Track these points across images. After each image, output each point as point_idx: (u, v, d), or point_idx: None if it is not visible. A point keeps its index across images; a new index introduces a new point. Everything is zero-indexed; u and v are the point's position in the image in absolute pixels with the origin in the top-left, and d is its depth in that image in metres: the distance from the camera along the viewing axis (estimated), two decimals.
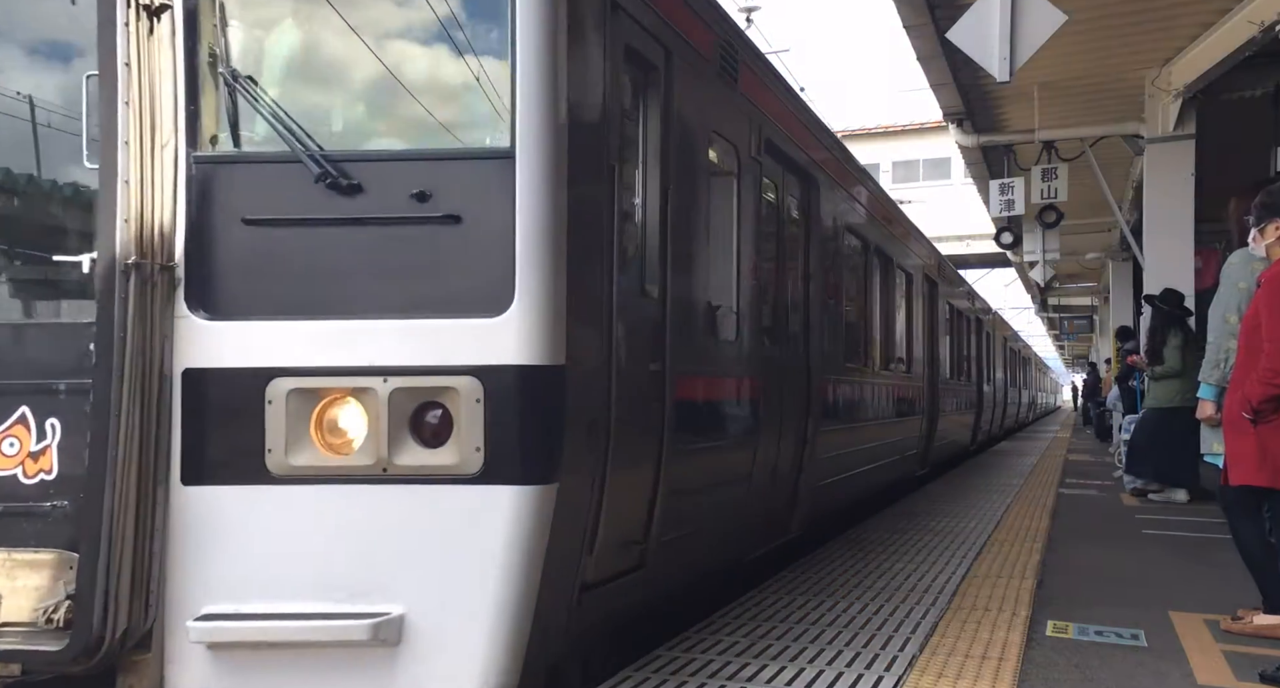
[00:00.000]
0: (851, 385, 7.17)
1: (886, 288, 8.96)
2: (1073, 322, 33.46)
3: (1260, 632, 3.99)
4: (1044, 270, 15.83)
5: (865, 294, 8.04)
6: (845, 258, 7.33)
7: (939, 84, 10.83)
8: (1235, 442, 4.01)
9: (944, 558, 5.72)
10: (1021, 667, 3.54)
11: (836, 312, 6.74)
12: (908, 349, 9.87)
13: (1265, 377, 3.76)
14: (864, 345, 7.87)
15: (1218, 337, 4.61)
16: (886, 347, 8.84)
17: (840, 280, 6.89)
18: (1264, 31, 8.34)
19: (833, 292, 6.61)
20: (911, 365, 9.88)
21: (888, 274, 8.98)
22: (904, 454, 9.60)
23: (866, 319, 8.06)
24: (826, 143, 6.70)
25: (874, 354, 8.26)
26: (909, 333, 9.99)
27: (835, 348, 6.56)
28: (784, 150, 5.53)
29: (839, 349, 6.69)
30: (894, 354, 9.13)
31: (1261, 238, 4.04)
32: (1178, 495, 8.66)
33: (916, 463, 10.56)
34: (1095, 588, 4.94)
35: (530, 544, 2.85)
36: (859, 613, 4.34)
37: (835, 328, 6.65)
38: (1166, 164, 10.31)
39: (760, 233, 5.12)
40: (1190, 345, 8.31)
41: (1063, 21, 7.30)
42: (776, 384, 5.19)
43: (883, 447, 8.40)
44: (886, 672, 3.47)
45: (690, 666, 3.52)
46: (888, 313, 8.94)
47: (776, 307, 5.48)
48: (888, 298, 8.96)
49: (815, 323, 6.02)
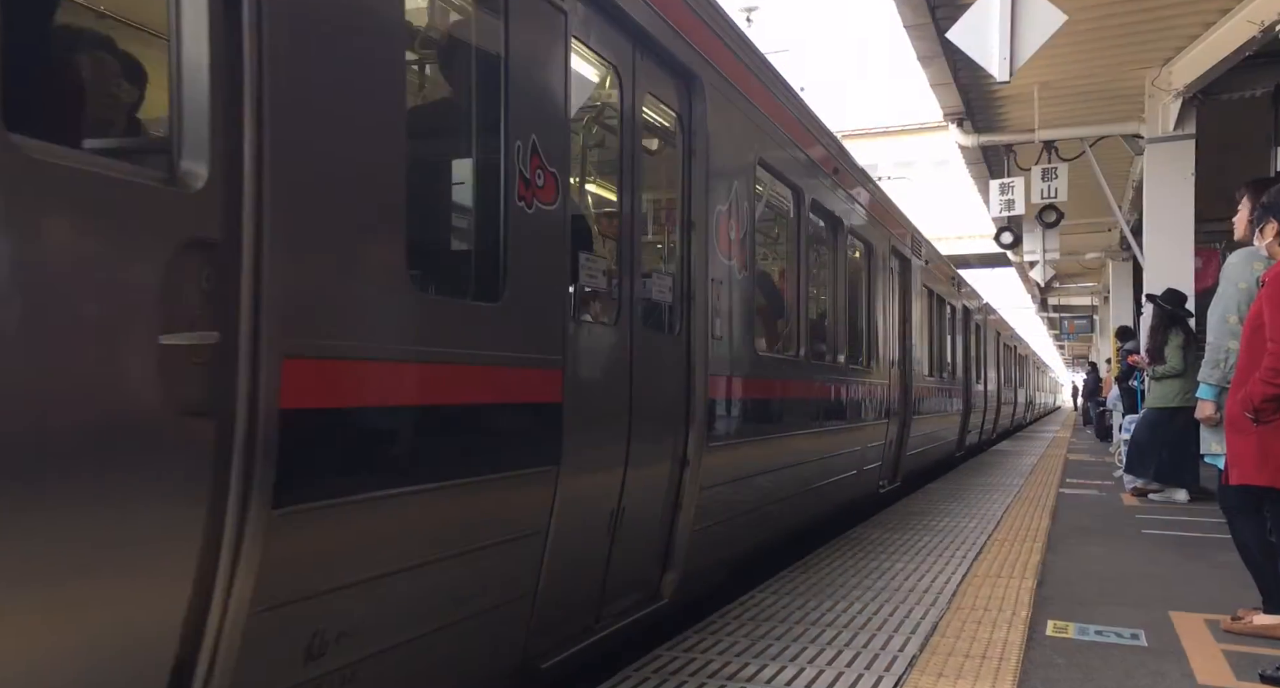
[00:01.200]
0: (770, 383, 5.40)
1: (836, 257, 7.13)
2: (1073, 322, 33.47)
3: (1260, 632, 3.99)
4: (1044, 270, 15.84)
5: (800, 261, 6.15)
6: (760, 206, 5.56)
7: (939, 84, 10.84)
8: (1236, 442, 4.00)
9: (944, 558, 5.71)
10: (1021, 667, 3.54)
11: (745, 281, 4.89)
12: (870, 339, 8.20)
13: (1267, 376, 3.75)
14: (797, 331, 6.04)
15: (1218, 337, 4.61)
16: (834, 334, 7.08)
17: (751, 236, 5.00)
18: (1264, 31, 8.36)
19: (736, 250, 4.76)
20: (875, 359, 8.21)
21: (836, 239, 7.12)
22: (863, 468, 7.86)
23: (800, 296, 6.10)
24: (713, 22, 4.62)
25: (813, 343, 6.46)
26: (873, 319, 8.28)
27: (741, 332, 4.84)
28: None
29: (748, 334, 4.94)
30: (847, 344, 7.26)
31: (1262, 237, 4.04)
32: (1178, 496, 8.66)
33: (885, 475, 8.84)
34: (1095, 588, 4.94)
35: None
36: (859, 613, 4.34)
37: (743, 304, 4.86)
38: (1166, 164, 10.32)
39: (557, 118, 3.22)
40: (1191, 345, 8.32)
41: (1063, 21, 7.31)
42: (612, 382, 3.61)
43: (827, 461, 6.66)
44: (886, 672, 3.47)
45: (690, 666, 3.52)
46: (838, 291, 7.15)
47: (618, 260, 3.77)
48: (838, 271, 7.14)
49: (702, 295, 4.28)
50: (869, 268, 8.29)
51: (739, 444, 4.88)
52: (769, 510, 5.56)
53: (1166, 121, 10.14)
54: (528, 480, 3.04)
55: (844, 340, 7.19)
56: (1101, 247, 19.54)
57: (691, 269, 4.30)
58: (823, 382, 6.54)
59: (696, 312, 4.30)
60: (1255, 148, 10.33)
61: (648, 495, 3.96)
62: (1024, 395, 29.66)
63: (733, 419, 4.82)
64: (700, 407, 4.27)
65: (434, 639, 2.68)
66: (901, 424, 9.23)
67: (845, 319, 7.31)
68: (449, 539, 2.68)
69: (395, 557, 2.46)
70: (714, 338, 4.46)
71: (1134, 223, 13.69)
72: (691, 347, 4.28)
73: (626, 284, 3.77)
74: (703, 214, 4.36)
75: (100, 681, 1.75)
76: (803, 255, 6.23)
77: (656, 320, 4.16)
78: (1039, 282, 19.74)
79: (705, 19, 4.50)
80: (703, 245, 4.34)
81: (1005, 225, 13.52)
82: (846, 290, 7.36)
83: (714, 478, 4.47)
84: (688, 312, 4.28)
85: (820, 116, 6.89)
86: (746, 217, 4.96)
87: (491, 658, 3.06)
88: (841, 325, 7.20)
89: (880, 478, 8.63)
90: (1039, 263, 15.01)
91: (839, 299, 7.19)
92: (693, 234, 4.32)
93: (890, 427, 8.68)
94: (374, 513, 2.36)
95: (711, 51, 4.53)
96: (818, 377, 6.41)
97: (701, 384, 4.30)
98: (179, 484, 1.85)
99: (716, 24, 4.68)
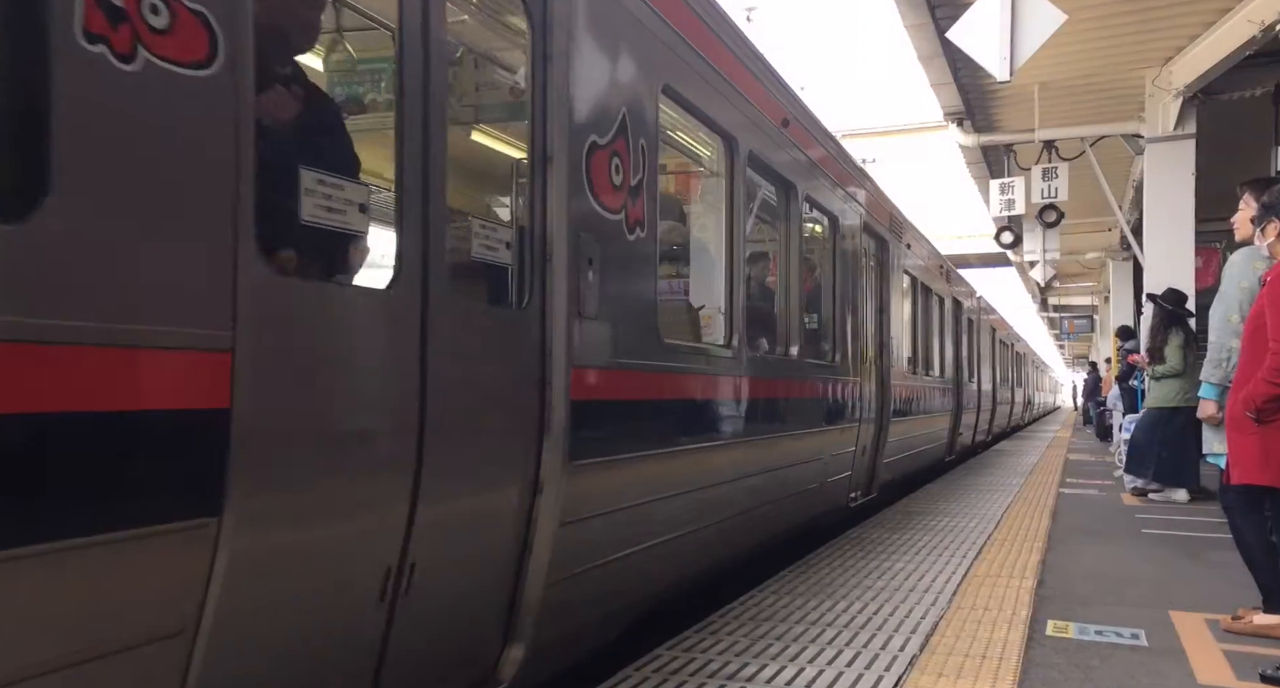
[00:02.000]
0: (680, 380, 4.24)
1: (789, 229, 5.92)
2: (1073, 322, 33.50)
3: (1260, 631, 3.99)
4: (1044, 270, 15.83)
5: (734, 229, 4.93)
6: (670, 151, 4.80)
7: (939, 84, 10.85)
8: (1237, 441, 4.00)
9: (944, 558, 5.71)
10: (1021, 667, 3.54)
11: (641, 245, 3.79)
12: (836, 330, 7.01)
13: (1269, 376, 3.75)
14: (731, 316, 4.86)
15: (1219, 336, 4.60)
16: (786, 322, 5.87)
17: (651, 187, 3.85)
18: (1264, 31, 8.36)
19: (627, 203, 3.64)
20: (842, 353, 7.02)
21: (789, 208, 5.90)
22: (827, 479, 6.76)
23: (735, 273, 4.92)
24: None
25: (754, 332, 5.34)
26: (839, 306, 7.09)
27: (634, 313, 3.73)
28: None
29: (646, 316, 3.82)
30: (802, 335, 6.05)
31: (1263, 237, 4.04)
32: (1178, 495, 8.66)
33: (857, 486, 7.76)
34: (1095, 588, 4.94)
35: None
36: (859, 613, 4.34)
37: (637, 275, 3.77)
38: (1166, 164, 10.33)
39: None
40: (1190, 345, 8.32)
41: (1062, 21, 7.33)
42: (372, 377, 2.49)
43: (775, 475, 5.55)
44: (886, 672, 3.46)
45: (690, 665, 3.52)
46: (790, 270, 5.93)
47: (399, 192, 2.58)
48: (791, 246, 5.94)
49: (566, 256, 3.18)
50: (835, 246, 7.03)
51: (626, 461, 3.68)
52: (679, 546, 4.28)
53: (1166, 121, 10.14)
54: (146, 546, 1.81)
55: (798, 330, 5.95)
56: (1101, 247, 19.56)
57: (548, 220, 3.12)
58: (767, 379, 5.37)
59: (556, 279, 3.13)
60: (1255, 148, 10.34)
61: (466, 542, 2.83)
62: (1022, 395, 28.72)
63: (616, 427, 3.62)
64: (560, 411, 3.13)
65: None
66: (878, 428, 8.15)
67: (800, 305, 6.03)
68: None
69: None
70: (584, 317, 3.29)
71: (1134, 223, 13.69)
72: (548, 328, 3.11)
73: (415, 229, 2.55)
74: (565, 146, 3.20)
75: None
76: (738, 222, 4.94)
77: (480, 287, 3.12)
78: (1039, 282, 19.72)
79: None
80: (567, 189, 3.20)
81: (1005, 225, 13.53)
82: (803, 271, 6.14)
83: (584, 508, 3.35)
84: (542, 278, 3.10)
85: (777, 69, 5.65)
86: (643, 160, 3.78)
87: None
88: (795, 312, 5.93)
89: (851, 490, 7.57)
90: (1039, 263, 15.01)
91: (792, 281, 5.92)
92: (549, 172, 3.14)
93: (863, 431, 7.58)
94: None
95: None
96: (760, 373, 5.21)
97: (562, 379, 3.14)
98: None
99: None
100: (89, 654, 1.74)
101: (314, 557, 2.27)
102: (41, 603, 1.65)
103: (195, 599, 1.94)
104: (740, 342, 4.91)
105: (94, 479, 1.73)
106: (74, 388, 1.67)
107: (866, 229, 8.00)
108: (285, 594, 2.20)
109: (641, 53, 3.85)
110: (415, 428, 2.57)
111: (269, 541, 2.11)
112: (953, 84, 10.81)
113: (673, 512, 4.18)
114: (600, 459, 3.47)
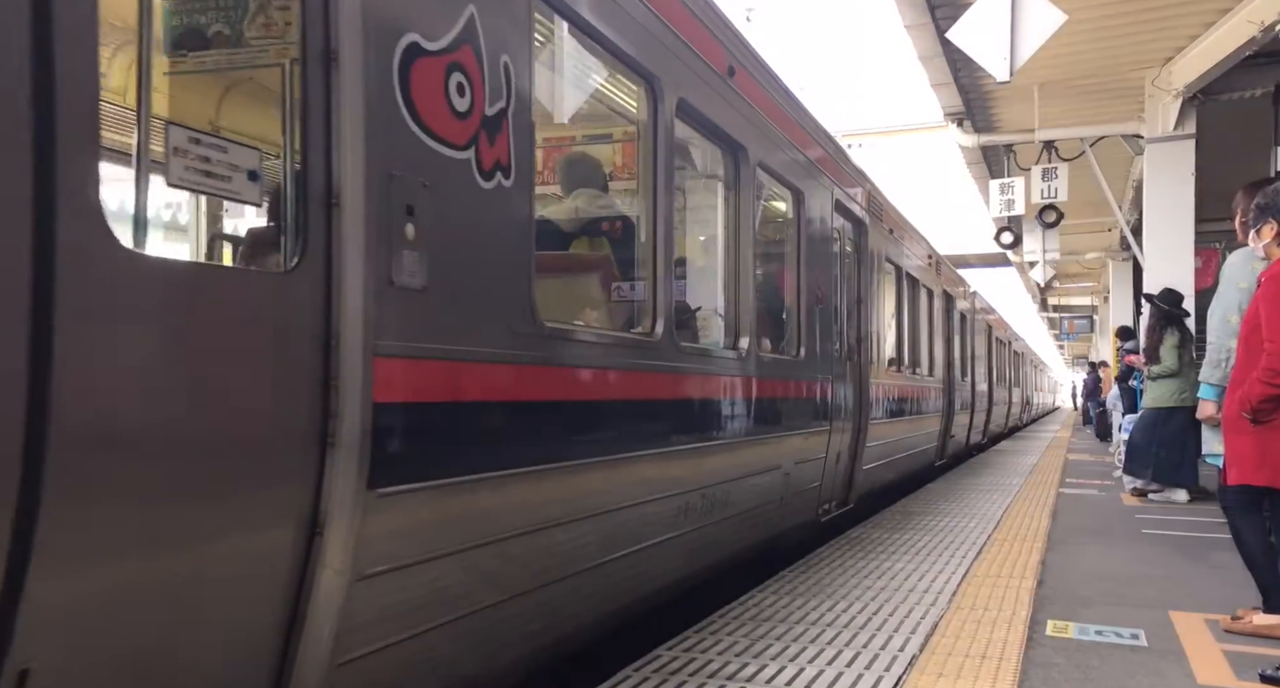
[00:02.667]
0: (563, 375, 3.30)
1: (737, 198, 5.05)
2: (1073, 322, 33.54)
3: (1260, 631, 3.99)
4: (1044, 270, 15.86)
5: (658, 189, 4.06)
6: (550, 78, 4.16)
7: (939, 84, 10.86)
8: (1234, 441, 4.01)
9: (944, 558, 5.71)
10: (1021, 667, 3.54)
11: (500, 196, 2.94)
12: (800, 320, 6.00)
13: (1265, 376, 3.76)
14: (654, 298, 4.05)
15: (1219, 336, 4.61)
16: (734, 309, 5.06)
17: (519, 120, 3.02)
18: (1264, 31, 8.37)
19: (480, 140, 2.82)
20: (808, 348, 6.09)
21: (738, 173, 5.02)
22: (790, 493, 5.84)
23: (659, 244, 4.05)
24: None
25: (685, 319, 4.66)
26: (803, 293, 6.06)
27: (487, 283, 2.87)
28: None
29: (512, 289, 2.97)
30: (754, 325, 5.17)
31: (1259, 238, 4.04)
32: (1178, 496, 8.66)
33: (831, 497, 6.87)
34: (1095, 588, 4.94)
35: None
36: (859, 613, 4.34)
37: (493, 234, 2.93)
38: (1166, 164, 10.34)
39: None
40: (1187, 345, 8.32)
41: (1063, 21, 7.33)
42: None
43: (716, 491, 4.64)
44: (886, 672, 3.47)
45: (690, 665, 3.52)
46: (740, 247, 5.08)
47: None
48: (740, 218, 5.05)
49: (364, 200, 2.34)
50: (798, 224, 6.03)
51: (468, 486, 2.74)
52: (562, 594, 3.34)
53: (1166, 121, 10.15)
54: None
55: (749, 319, 5.08)
56: (1101, 247, 19.58)
57: (336, 146, 2.28)
58: (702, 376, 4.50)
59: (347, 232, 2.29)
60: (1255, 148, 10.35)
61: (157, 622, 1.89)
62: (1020, 395, 28.04)
63: (454, 440, 2.68)
64: (353, 418, 2.27)
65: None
66: (856, 430, 7.30)
67: (752, 290, 5.16)
68: None
69: None
70: (399, 287, 2.45)
71: (1134, 223, 13.71)
72: (336, 301, 2.26)
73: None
74: (361, 43, 2.34)
75: None
76: (662, 184, 4.06)
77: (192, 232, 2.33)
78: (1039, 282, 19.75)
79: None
80: (364, 105, 2.35)
81: (1005, 225, 13.54)
82: (756, 249, 5.25)
83: (396, 553, 2.47)
84: (326, 231, 2.26)
85: (722, 9, 4.85)
86: (508, 83, 2.97)
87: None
88: (746, 299, 5.07)
89: (822, 502, 6.70)
90: (1039, 263, 15.04)
91: (743, 261, 5.06)
92: (336, 76, 2.27)
93: (835, 435, 6.69)
94: None
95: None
96: (693, 368, 4.38)
97: (357, 373, 2.29)
98: None
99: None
100: None
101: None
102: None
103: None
104: (667, 330, 4.05)
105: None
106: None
107: (840, 208, 7.03)
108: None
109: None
110: (15, 459, 1.60)
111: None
112: (953, 84, 10.82)
113: (551, 549, 3.20)
114: (423, 486, 2.55)
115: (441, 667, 2.80)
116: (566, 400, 3.34)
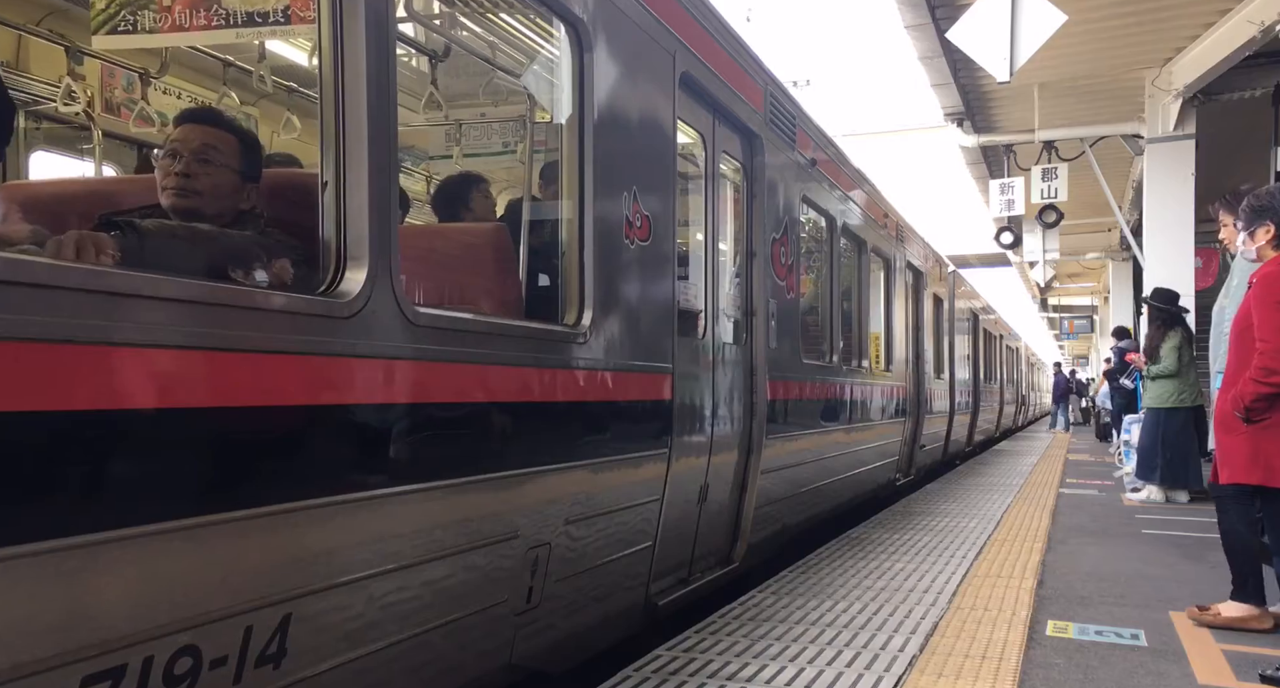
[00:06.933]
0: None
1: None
2: (1073, 322, 33.55)
3: (1231, 623, 4.02)
4: (1044, 270, 15.86)
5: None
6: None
7: (939, 84, 10.87)
8: (1226, 441, 4.02)
9: (944, 558, 5.71)
10: (1021, 667, 3.54)
11: None
12: (593, 275, 3.47)
13: (1258, 376, 3.77)
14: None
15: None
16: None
17: None
18: (1264, 31, 8.38)
19: None
20: (617, 322, 3.68)
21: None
22: (605, 560, 3.69)
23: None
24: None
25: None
26: (610, 230, 3.62)
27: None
28: None
29: None
30: (626, 292, 3.78)
31: (1253, 241, 4.05)
32: (1178, 496, 8.65)
33: (682, 565, 4.53)
34: (1095, 588, 4.94)
35: None
36: (859, 613, 4.34)
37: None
38: (1166, 164, 10.35)
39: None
40: (1188, 345, 8.31)
41: (1063, 21, 7.33)
42: None
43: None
44: (886, 672, 3.47)
45: (690, 666, 3.52)
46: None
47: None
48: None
49: None
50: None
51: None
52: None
53: (1166, 122, 10.16)
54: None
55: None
56: (1101, 247, 19.59)
57: None
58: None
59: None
60: (1255, 148, 10.36)
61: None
62: (1014, 394, 25.63)
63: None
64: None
65: None
66: (742, 453, 5.00)
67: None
68: None
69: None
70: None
71: (1134, 223, 13.72)
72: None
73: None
74: None
75: None
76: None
77: None
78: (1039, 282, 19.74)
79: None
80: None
81: (1005, 225, 13.54)
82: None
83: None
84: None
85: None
86: None
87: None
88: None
89: (659, 574, 4.21)
90: (1039, 263, 15.03)
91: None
92: None
93: (680, 465, 4.20)
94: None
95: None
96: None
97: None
98: None
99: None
100: None
101: None
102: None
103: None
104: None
105: None
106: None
107: (693, 89, 4.41)
108: None
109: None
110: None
111: None
112: (953, 84, 10.83)
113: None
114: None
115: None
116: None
